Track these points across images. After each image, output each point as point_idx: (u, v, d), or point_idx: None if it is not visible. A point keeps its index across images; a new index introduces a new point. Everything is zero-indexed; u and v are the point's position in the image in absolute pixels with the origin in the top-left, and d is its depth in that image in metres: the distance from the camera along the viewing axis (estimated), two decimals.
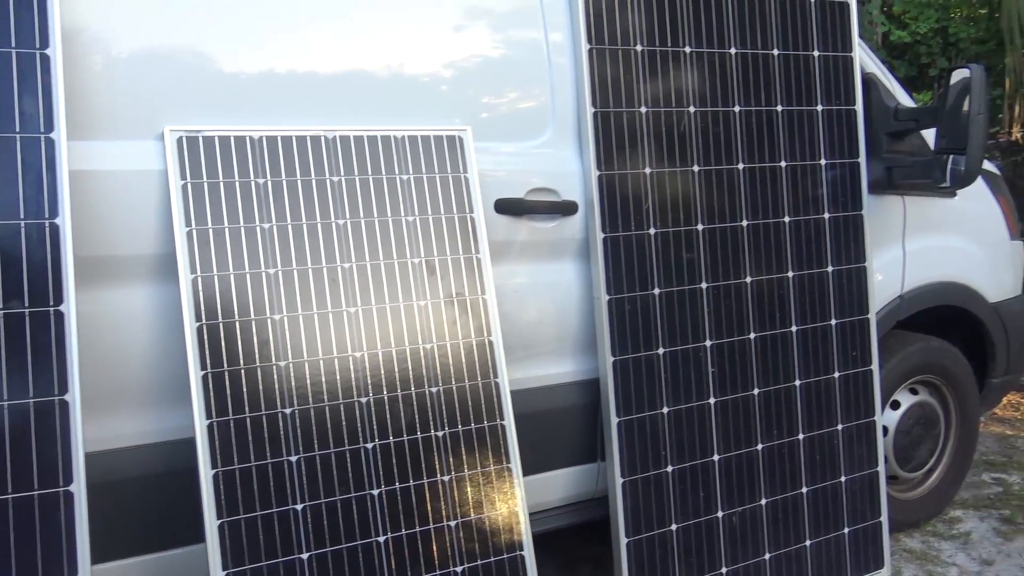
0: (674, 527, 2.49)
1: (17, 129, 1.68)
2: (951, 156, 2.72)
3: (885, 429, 3.16)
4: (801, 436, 2.73)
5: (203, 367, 1.81)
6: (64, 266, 1.67)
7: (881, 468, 2.90)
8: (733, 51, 2.58)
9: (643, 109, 2.44)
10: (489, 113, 2.30)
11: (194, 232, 1.84)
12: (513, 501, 2.07)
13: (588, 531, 2.61)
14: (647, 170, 2.44)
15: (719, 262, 2.56)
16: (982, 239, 3.33)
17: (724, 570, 2.58)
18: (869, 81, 2.91)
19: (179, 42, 1.91)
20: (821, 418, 2.77)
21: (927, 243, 3.14)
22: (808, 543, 2.74)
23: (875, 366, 2.88)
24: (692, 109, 2.52)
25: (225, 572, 1.77)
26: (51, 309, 1.66)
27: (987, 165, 3.54)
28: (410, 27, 2.19)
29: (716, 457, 2.57)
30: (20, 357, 1.63)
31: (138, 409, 1.87)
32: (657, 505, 2.47)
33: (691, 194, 2.51)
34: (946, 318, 3.33)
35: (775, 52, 2.66)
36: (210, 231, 1.86)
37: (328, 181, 1.98)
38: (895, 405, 3.19)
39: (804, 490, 2.74)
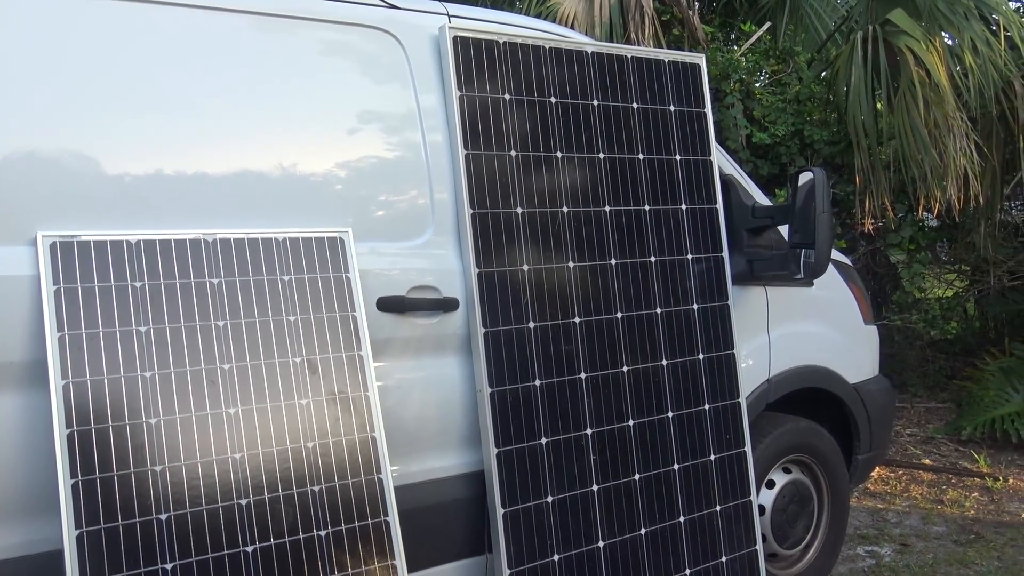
0: None
1: None
2: (803, 250, 2.96)
3: (762, 508, 3.30)
4: (682, 519, 2.83)
5: (73, 475, 1.77)
6: None
7: (759, 546, 3.02)
8: (602, 156, 2.77)
9: (519, 210, 2.57)
10: (371, 214, 2.38)
11: (67, 337, 1.83)
12: None
13: None
14: (525, 267, 2.56)
15: (596, 353, 2.68)
16: (839, 325, 3.58)
17: None
18: (728, 182, 3.15)
19: (53, 146, 1.92)
20: (700, 500, 2.88)
21: (790, 330, 3.36)
22: None
23: (748, 447, 3.03)
24: (565, 209, 2.67)
25: None
26: None
27: (840, 257, 3.84)
28: (292, 131, 2.27)
29: (601, 544, 2.63)
30: None
31: (9, 519, 1.79)
32: None
33: (567, 289, 2.64)
34: (813, 400, 3.54)
35: (640, 156, 2.86)
36: (83, 336, 1.84)
37: (208, 283, 2.00)
38: (770, 484, 3.34)
39: (687, 572, 2.81)
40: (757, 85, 6.57)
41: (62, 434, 1.78)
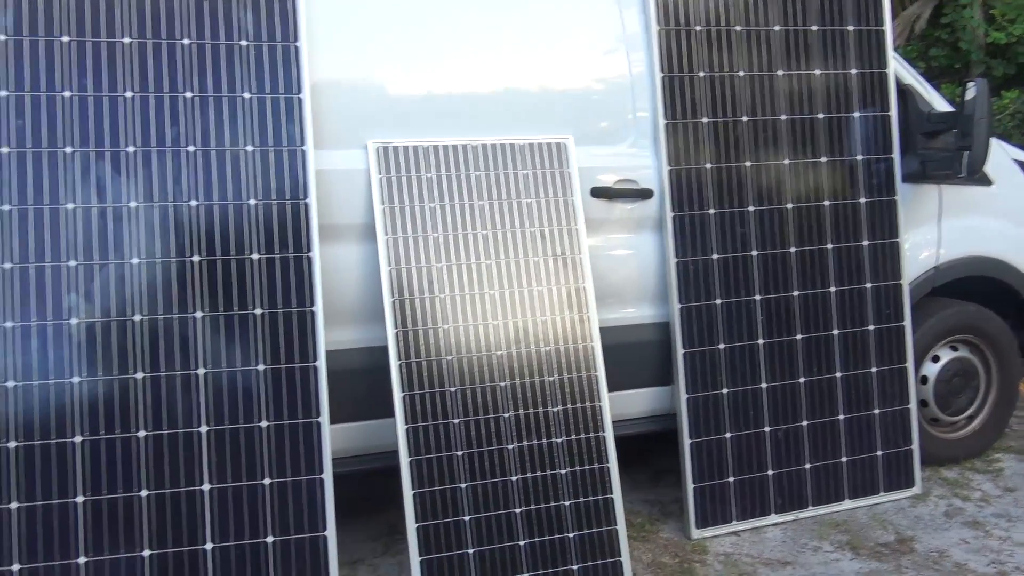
0: (728, 435, 3.29)
1: (284, 144, 2.71)
2: (965, 152, 3.37)
3: (926, 378, 3.81)
4: (838, 375, 3.45)
5: (391, 295, 2.80)
6: (312, 229, 2.70)
7: (913, 406, 3.56)
8: (780, 72, 3.35)
9: (704, 119, 3.25)
10: (588, 124, 3.18)
11: (386, 209, 2.83)
12: (598, 398, 2.94)
13: (673, 448, 3.41)
14: (708, 165, 3.26)
15: (767, 235, 3.33)
16: (1019, 220, 3.89)
17: (770, 472, 3.34)
18: (906, 91, 3.58)
19: (376, 84, 2.91)
20: (856, 361, 3.48)
21: (962, 224, 3.76)
22: (844, 459, 3.46)
23: (907, 323, 3.55)
24: (745, 118, 3.30)
25: (405, 427, 2.74)
26: (304, 255, 2.69)
27: None
28: (533, 62, 3.10)
29: (764, 385, 3.34)
30: (287, 285, 2.67)
31: (352, 324, 2.88)
32: (715, 418, 3.27)
33: (744, 183, 3.30)
34: (1003, 291, 3.91)
35: (816, 72, 3.40)
36: (396, 208, 2.84)
37: (472, 175, 2.93)
38: (936, 359, 3.83)
39: (841, 417, 3.45)
40: None
41: (385, 270, 2.80)
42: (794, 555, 3.12)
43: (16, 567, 2.42)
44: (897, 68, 3.57)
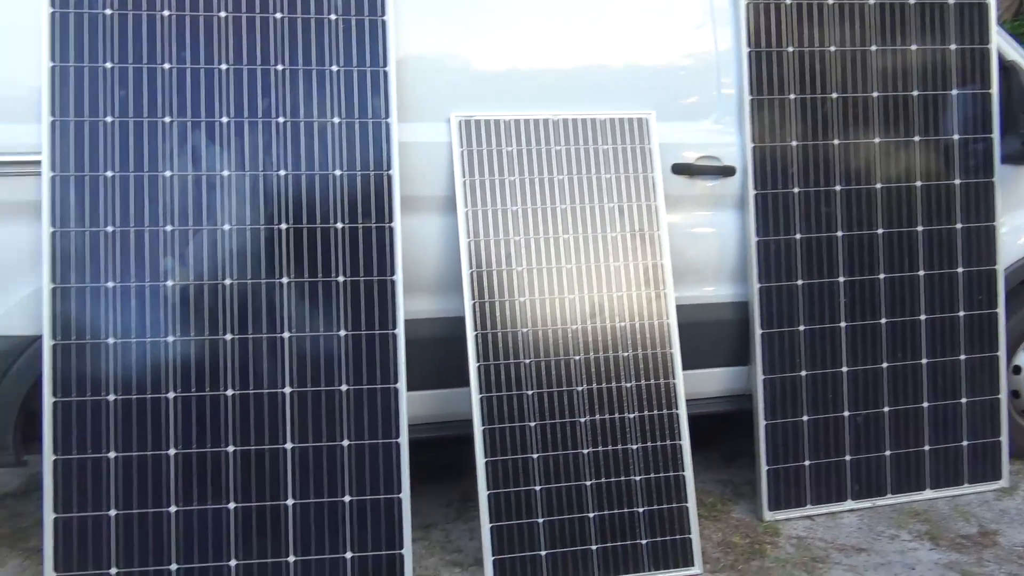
0: (805, 418, 3.24)
1: (370, 116, 2.78)
2: None
3: (1018, 368, 3.66)
4: (924, 361, 3.35)
5: (470, 267, 2.84)
6: (394, 200, 2.76)
7: (1003, 396, 3.44)
8: (874, 48, 3.24)
9: (791, 96, 3.18)
10: (672, 100, 3.15)
11: (467, 181, 2.87)
12: (673, 375, 2.94)
13: (748, 429, 3.38)
14: (793, 143, 3.19)
15: (854, 216, 3.25)
16: None
17: (847, 457, 3.28)
18: (1009, 68, 3.42)
19: (460, 58, 2.94)
20: (944, 348, 3.37)
21: None
22: (927, 448, 3.36)
23: (1001, 310, 3.41)
24: (834, 95, 3.21)
25: (480, 396, 2.79)
26: (386, 225, 2.76)
27: None
28: (615, 38, 3.09)
29: (844, 369, 3.27)
30: (368, 254, 2.74)
31: (430, 294, 2.94)
32: (792, 400, 3.22)
33: (831, 162, 3.22)
34: None
35: (913, 47, 3.28)
36: (477, 181, 2.88)
37: (553, 149, 2.94)
38: None
39: (924, 405, 3.35)
40: None
41: (464, 242, 2.85)
42: (870, 542, 3.06)
43: (112, 512, 2.57)
44: (1000, 44, 3.41)
